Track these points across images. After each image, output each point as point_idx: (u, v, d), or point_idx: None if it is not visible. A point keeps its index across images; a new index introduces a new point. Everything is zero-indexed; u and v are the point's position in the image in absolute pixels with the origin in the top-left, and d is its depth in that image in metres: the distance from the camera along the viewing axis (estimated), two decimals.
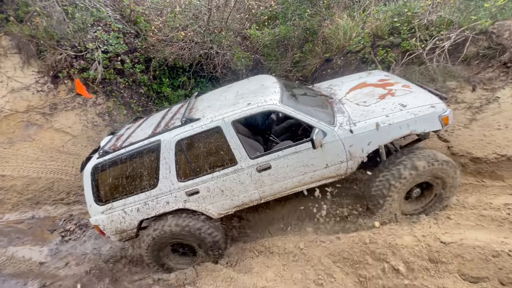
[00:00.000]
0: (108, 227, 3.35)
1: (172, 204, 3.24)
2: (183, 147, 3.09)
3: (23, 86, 5.33)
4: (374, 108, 3.03)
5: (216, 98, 3.57)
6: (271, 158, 3.05)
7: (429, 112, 2.84)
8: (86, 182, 3.29)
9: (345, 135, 2.93)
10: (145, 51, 6.10)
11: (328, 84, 4.12)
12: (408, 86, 3.30)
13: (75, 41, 5.37)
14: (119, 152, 3.22)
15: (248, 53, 6.70)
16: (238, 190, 3.18)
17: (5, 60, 5.29)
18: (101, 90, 5.74)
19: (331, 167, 3.05)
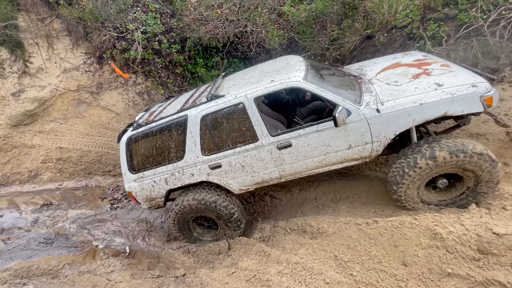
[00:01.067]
0: (139, 194, 3.60)
1: (196, 176, 3.37)
2: (208, 122, 3.19)
3: (74, 66, 5.75)
4: (406, 88, 2.82)
5: (242, 78, 3.60)
6: (292, 136, 3.01)
7: (469, 92, 2.58)
8: (121, 152, 3.58)
9: (371, 115, 2.77)
10: (180, 31, 6.18)
11: (359, 65, 3.93)
12: (447, 66, 3.01)
13: (117, 22, 5.60)
14: (151, 125, 3.43)
15: (283, 31, 6.48)
16: (259, 166, 3.21)
17: (58, 42, 5.71)
18: (140, 70, 6.00)
19: (355, 148, 2.93)
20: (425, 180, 2.82)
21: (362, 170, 3.96)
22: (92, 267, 3.44)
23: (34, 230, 4.13)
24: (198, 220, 3.74)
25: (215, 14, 5.72)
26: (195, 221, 3.74)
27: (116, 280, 3.08)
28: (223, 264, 3.25)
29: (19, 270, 3.36)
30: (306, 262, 2.76)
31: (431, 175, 2.78)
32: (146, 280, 3.10)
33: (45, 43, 5.65)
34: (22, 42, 5.45)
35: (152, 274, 3.22)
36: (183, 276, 3.09)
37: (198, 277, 3.00)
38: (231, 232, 3.58)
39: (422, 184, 2.85)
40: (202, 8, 5.96)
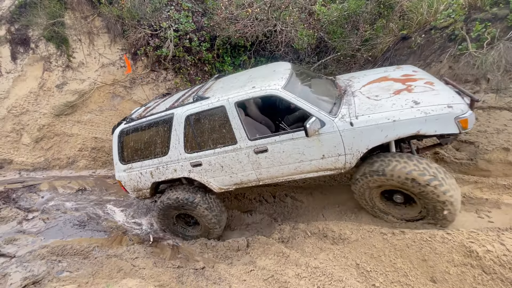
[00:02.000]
0: (128, 184, 3.82)
1: (179, 172, 3.51)
2: (191, 121, 3.31)
3: (110, 62, 6.11)
4: (384, 103, 2.82)
5: (231, 81, 3.69)
6: (268, 142, 3.08)
7: (443, 112, 2.55)
8: (114, 143, 3.80)
9: (344, 127, 2.81)
10: (211, 29, 6.31)
11: (350, 76, 3.97)
12: (431, 83, 2.95)
13: (151, 20, 5.84)
14: (141, 120, 3.63)
15: (312, 30, 6.37)
16: (237, 168, 3.30)
17: (98, 38, 6.09)
18: (171, 67, 6.23)
19: (328, 158, 2.97)
20: (377, 190, 2.94)
21: None
22: (118, 251, 3.64)
23: (69, 213, 4.47)
24: (181, 216, 3.91)
25: (245, 13, 5.76)
26: (178, 218, 3.91)
27: (140, 267, 3.24)
28: (241, 261, 3.28)
29: (56, 248, 3.66)
30: (326, 268, 2.70)
31: (379, 187, 2.87)
32: (167, 269, 3.22)
33: (87, 40, 6.05)
34: (67, 38, 5.88)
35: (173, 264, 3.34)
36: (202, 269, 3.17)
37: (216, 272, 3.06)
38: (211, 230, 3.70)
39: (375, 193, 2.97)
40: (233, 7, 6.03)
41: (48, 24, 5.67)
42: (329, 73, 6.20)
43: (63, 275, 3.29)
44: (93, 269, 3.31)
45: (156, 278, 2.99)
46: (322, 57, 6.49)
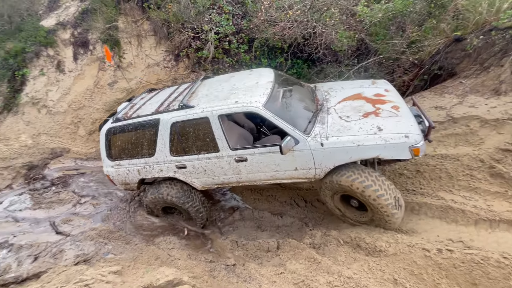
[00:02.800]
0: (115, 178, 4.06)
1: (164, 172, 3.78)
2: (177, 128, 3.50)
3: (155, 62, 6.54)
4: (352, 126, 3.11)
5: (215, 87, 3.82)
6: (248, 153, 3.35)
7: (400, 141, 2.88)
8: (101, 140, 3.97)
9: (315, 147, 3.10)
10: (249, 32, 6.43)
11: (329, 87, 4.14)
12: (397, 108, 3.26)
13: (194, 23, 6.14)
14: (128, 121, 3.77)
15: (352, 32, 6.16)
16: (218, 172, 3.57)
17: (145, 41, 6.57)
18: (210, 68, 6.47)
19: (300, 170, 3.31)
20: (336, 193, 3.33)
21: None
22: (156, 240, 3.89)
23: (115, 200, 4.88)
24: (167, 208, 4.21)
25: (285, 16, 5.77)
26: (164, 210, 4.23)
27: (176, 257, 3.43)
28: (271, 262, 3.30)
29: (103, 231, 4.04)
30: (360, 279, 2.60)
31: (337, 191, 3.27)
32: (200, 262, 3.37)
33: (136, 42, 6.56)
34: (119, 40, 6.43)
35: (205, 258, 3.48)
36: (233, 266, 3.25)
37: (247, 270, 3.12)
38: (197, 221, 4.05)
39: (336, 196, 3.36)
40: (272, 10, 6.08)
41: (105, 28, 6.25)
42: (370, 76, 5.95)
43: (108, 256, 3.61)
44: (134, 254, 3.59)
45: (190, 269, 3.14)
46: (362, 59, 6.24)
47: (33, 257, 3.65)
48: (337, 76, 6.05)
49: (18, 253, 3.73)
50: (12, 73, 5.85)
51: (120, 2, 6.47)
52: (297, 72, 6.92)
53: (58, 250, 3.76)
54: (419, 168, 3.61)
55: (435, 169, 3.49)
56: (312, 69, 6.86)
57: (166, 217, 4.38)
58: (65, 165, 5.27)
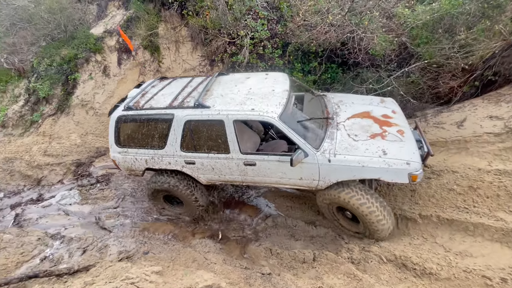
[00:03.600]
0: (121, 164, 4.15)
1: (172, 165, 3.87)
2: (190, 126, 3.56)
3: (191, 67, 6.76)
4: (359, 146, 3.27)
5: (231, 88, 3.84)
6: (257, 159, 3.48)
7: (401, 168, 3.06)
8: (110, 126, 3.97)
9: (323, 162, 3.26)
10: (284, 36, 6.40)
11: (339, 99, 4.24)
12: (402, 133, 3.42)
13: (230, 29, 6.25)
14: (140, 112, 3.77)
15: (392, 35, 5.87)
16: (225, 172, 3.72)
17: (182, 46, 6.82)
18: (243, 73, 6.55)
19: (304, 180, 3.50)
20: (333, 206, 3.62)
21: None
22: (192, 242, 4.01)
23: None
24: (168, 197, 4.36)
25: (322, 20, 5.66)
26: (165, 198, 4.38)
27: (212, 261, 3.50)
28: (307, 274, 3.24)
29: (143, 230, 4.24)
30: None
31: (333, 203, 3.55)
32: (235, 268, 3.40)
33: (174, 47, 6.83)
34: (159, 46, 6.75)
35: (240, 264, 3.51)
36: (269, 275, 3.24)
37: (283, 280, 3.09)
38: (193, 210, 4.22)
39: (332, 206, 3.65)
40: (308, 14, 5.99)
41: (146, 35, 6.59)
42: (410, 82, 5.63)
43: (148, 255, 3.79)
44: (172, 255, 3.72)
45: (226, 275, 3.18)
46: (403, 64, 5.93)
47: (82, 250, 3.94)
48: (375, 82, 5.80)
49: (69, 245, 4.05)
50: (65, 77, 6.39)
51: (161, 10, 6.78)
52: (331, 76, 6.76)
53: (103, 245, 4.02)
54: (472, 184, 3.33)
55: (492, 186, 3.20)
56: (347, 74, 6.65)
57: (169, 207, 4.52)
58: (108, 163, 5.62)
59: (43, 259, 3.77)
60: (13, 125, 6.70)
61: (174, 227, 4.37)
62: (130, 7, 6.94)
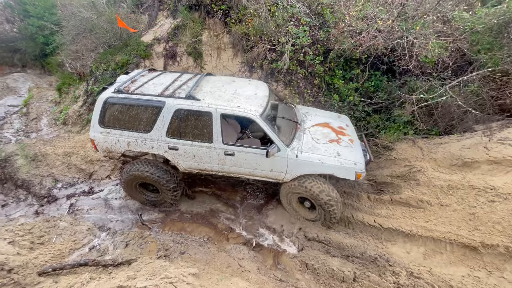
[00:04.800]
0: (100, 144, 4.25)
1: (154, 150, 4.14)
2: (180, 114, 3.88)
3: (231, 73, 6.91)
4: (320, 147, 4.01)
5: (218, 88, 4.28)
6: (237, 150, 3.96)
7: (350, 167, 3.85)
8: (97, 106, 4.08)
9: (291, 157, 3.90)
10: (326, 43, 6.25)
11: (306, 111, 5.04)
12: (352, 141, 4.29)
13: (272, 36, 6.28)
14: (131, 96, 3.97)
15: (447, 41, 5.39)
16: (205, 160, 4.11)
17: (224, 53, 7.01)
18: (282, 79, 6.51)
19: (274, 172, 4.07)
20: (295, 195, 4.24)
21: None
22: (226, 247, 4.02)
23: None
24: (143, 184, 4.62)
25: (369, 26, 5.41)
26: (141, 185, 4.63)
27: (246, 268, 3.46)
28: None
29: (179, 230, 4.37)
30: None
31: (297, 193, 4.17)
32: (270, 278, 3.32)
33: (215, 54, 7.06)
34: (202, 53, 7.03)
35: (275, 275, 3.42)
36: None
37: None
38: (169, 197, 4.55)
39: (294, 197, 4.27)
40: (353, 20, 5.78)
41: (191, 42, 6.91)
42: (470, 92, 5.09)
43: (185, 255, 3.88)
44: (207, 257, 3.77)
45: (261, 285, 3.12)
46: (459, 73, 5.40)
47: (125, 243, 4.18)
48: (426, 91, 5.36)
49: (114, 237, 4.33)
50: None
51: (205, 18, 7.08)
52: (375, 84, 6.42)
53: (143, 241, 4.22)
54: None
55: None
56: (392, 82, 6.26)
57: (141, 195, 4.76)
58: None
59: (91, 248, 4.08)
60: (72, 122, 7.46)
61: (210, 229, 4.44)
62: (177, 16, 7.36)
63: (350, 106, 6.35)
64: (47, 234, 4.12)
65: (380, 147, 5.51)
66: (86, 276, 3.06)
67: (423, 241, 3.59)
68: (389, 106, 6.09)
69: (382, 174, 4.87)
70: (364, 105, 6.28)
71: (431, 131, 5.58)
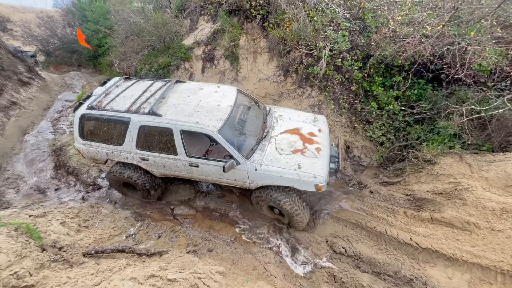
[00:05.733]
0: (85, 153, 4.71)
1: (129, 160, 4.50)
2: (144, 130, 4.12)
3: (266, 77, 6.97)
4: (282, 159, 4.00)
5: (183, 98, 4.37)
6: (200, 162, 4.11)
7: (309, 180, 3.83)
8: (75, 122, 4.46)
9: (251, 170, 3.98)
10: (366, 48, 6.03)
11: (279, 114, 4.91)
12: (319, 150, 4.20)
13: (309, 41, 6.22)
14: (101, 112, 4.22)
15: (506, 47, 4.86)
16: (174, 169, 4.38)
17: (259, 57, 7.11)
18: (317, 84, 6.41)
19: (238, 182, 4.21)
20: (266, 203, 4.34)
21: None
22: (252, 249, 4.04)
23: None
24: (126, 184, 5.00)
25: (415, 31, 5.10)
26: (124, 185, 5.02)
27: (272, 273, 3.45)
28: None
29: (207, 228, 4.50)
30: None
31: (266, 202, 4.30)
32: (295, 286, 3.27)
33: (251, 58, 7.18)
34: (238, 56, 7.20)
35: (300, 283, 3.36)
36: None
37: None
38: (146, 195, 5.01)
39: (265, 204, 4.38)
40: (397, 25, 5.49)
41: (228, 46, 7.12)
42: None
43: (212, 252, 3.98)
44: (233, 257, 3.82)
45: None
46: None
47: (157, 235, 4.42)
48: (479, 103, 4.89)
49: (148, 228, 4.60)
50: None
51: (244, 22, 7.25)
52: (418, 93, 6.02)
53: (174, 235, 4.42)
54: None
55: None
56: (438, 91, 5.81)
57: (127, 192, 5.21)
58: None
59: (127, 236, 4.37)
60: None
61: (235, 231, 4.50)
62: (217, 20, 7.63)
63: (389, 115, 6.03)
64: (91, 219, 4.51)
65: (420, 160, 5.14)
66: (123, 262, 3.29)
67: (468, 267, 3.26)
68: (433, 117, 5.66)
69: (421, 189, 4.53)
70: (404, 115, 5.92)
71: (482, 146, 5.06)
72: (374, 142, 5.99)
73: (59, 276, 2.81)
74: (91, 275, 2.92)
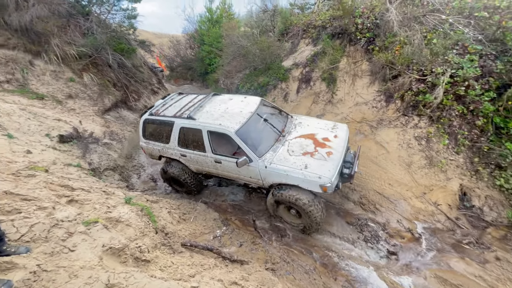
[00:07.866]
0: (146, 150, 5.78)
1: (173, 156, 5.39)
2: (183, 131, 4.98)
3: (364, 101, 6.57)
4: (291, 159, 4.31)
5: (215, 106, 5.08)
6: (222, 159, 4.78)
7: (314, 180, 4.02)
8: (140, 124, 5.56)
9: (261, 167, 4.43)
10: (504, 76, 4.90)
11: (299, 121, 5.26)
12: (330, 154, 4.34)
13: (423, 65, 5.54)
14: (157, 117, 5.28)
15: None
16: (205, 165, 5.11)
17: (359, 80, 6.78)
18: (428, 114, 5.59)
19: (253, 179, 4.75)
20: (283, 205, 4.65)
21: None
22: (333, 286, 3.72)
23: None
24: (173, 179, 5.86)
25: None
26: (172, 180, 5.90)
27: None
28: None
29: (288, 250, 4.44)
30: None
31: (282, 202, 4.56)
32: None
33: (350, 80, 6.93)
34: (336, 79, 7.08)
35: None
36: None
37: None
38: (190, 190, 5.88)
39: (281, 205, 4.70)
40: None
41: (327, 68, 7.11)
42: None
43: (290, 276, 3.88)
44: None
45: None
46: None
47: (239, 242, 4.66)
48: None
49: (232, 233, 4.92)
50: None
51: (346, 45, 7.13)
52: None
53: (254, 247, 4.56)
54: None
55: None
56: None
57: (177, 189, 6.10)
58: None
59: (214, 237, 4.78)
60: None
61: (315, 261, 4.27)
62: (318, 43, 7.78)
63: None
64: (188, 213, 5.17)
65: None
66: (212, 261, 3.59)
67: None
68: None
69: None
70: None
71: None
72: (506, 194, 4.69)
73: (165, 259, 3.31)
74: (188, 266, 3.30)
